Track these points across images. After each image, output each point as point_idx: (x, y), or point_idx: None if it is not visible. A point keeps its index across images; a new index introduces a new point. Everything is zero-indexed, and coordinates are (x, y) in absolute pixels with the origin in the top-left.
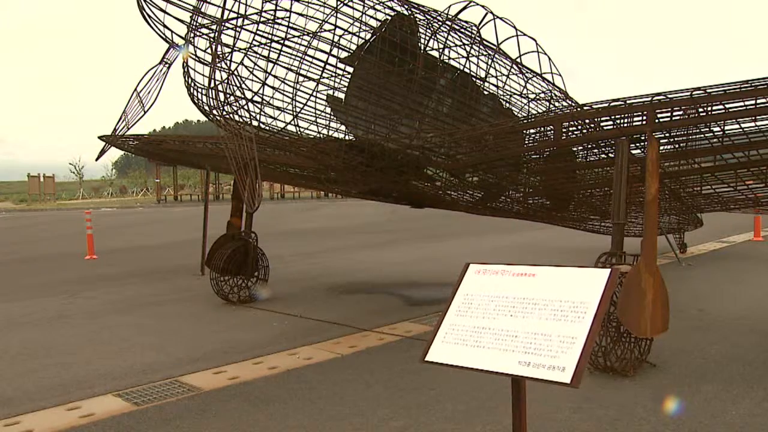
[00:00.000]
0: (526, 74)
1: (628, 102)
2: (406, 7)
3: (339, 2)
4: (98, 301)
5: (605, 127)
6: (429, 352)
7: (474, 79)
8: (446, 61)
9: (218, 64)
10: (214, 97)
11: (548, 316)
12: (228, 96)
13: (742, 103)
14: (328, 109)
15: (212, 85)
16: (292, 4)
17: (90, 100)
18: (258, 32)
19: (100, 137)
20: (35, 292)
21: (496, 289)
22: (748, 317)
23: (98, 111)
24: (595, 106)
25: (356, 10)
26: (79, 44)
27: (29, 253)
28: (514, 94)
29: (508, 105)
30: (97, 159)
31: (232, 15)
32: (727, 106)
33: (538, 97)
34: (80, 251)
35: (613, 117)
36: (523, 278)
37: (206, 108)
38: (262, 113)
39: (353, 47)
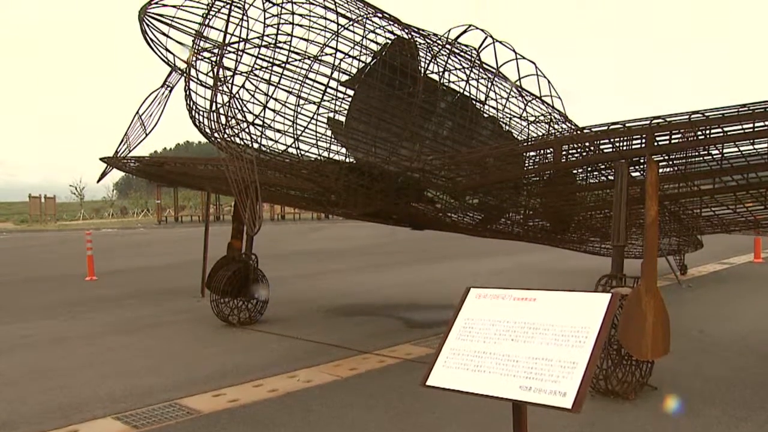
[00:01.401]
0: (526, 97)
1: (627, 125)
2: (407, 31)
3: (340, 26)
4: (98, 323)
5: (605, 150)
6: (430, 377)
7: (474, 102)
8: (446, 84)
9: (220, 88)
10: (215, 120)
11: (549, 340)
12: (229, 119)
13: (739, 127)
14: (329, 132)
15: (214, 108)
16: (293, 29)
17: (92, 121)
18: (259, 56)
19: (101, 159)
20: (35, 313)
21: (497, 313)
22: (749, 339)
23: (100, 132)
24: (594, 130)
25: (357, 34)
26: (81, 65)
27: (29, 274)
28: (514, 116)
29: (507, 128)
30: (98, 181)
31: (234, 39)
32: (725, 129)
33: (537, 119)
34: (80, 272)
35: (612, 140)
36: (524, 302)
37: (208, 131)
38: (263, 136)
39: (354, 71)
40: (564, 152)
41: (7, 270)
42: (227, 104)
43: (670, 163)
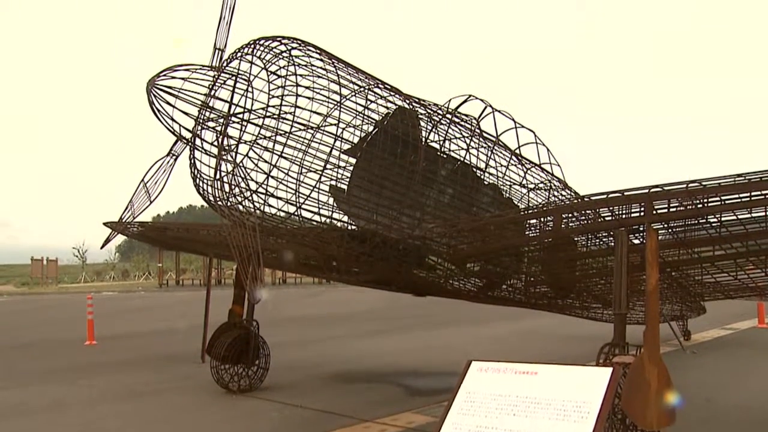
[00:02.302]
0: (526, 165)
1: (626, 193)
2: (408, 101)
3: (342, 97)
4: (96, 389)
5: (604, 218)
6: None
7: (474, 170)
8: (447, 152)
9: (224, 157)
10: (219, 188)
11: (551, 415)
12: (233, 187)
13: (737, 196)
14: (331, 200)
15: (218, 176)
16: (297, 100)
17: (96, 185)
18: (264, 126)
19: (105, 224)
20: (33, 378)
21: (499, 387)
22: (754, 407)
23: (104, 195)
24: (593, 198)
25: (359, 104)
26: (86, 131)
27: (28, 339)
28: (514, 184)
29: (508, 195)
30: (102, 247)
31: (239, 109)
32: (722, 198)
33: (537, 187)
34: (80, 336)
35: (611, 208)
36: (525, 376)
37: (211, 198)
38: (266, 204)
39: (356, 139)
40: (564, 219)
41: (5, 334)
42: (231, 173)
43: (670, 230)
